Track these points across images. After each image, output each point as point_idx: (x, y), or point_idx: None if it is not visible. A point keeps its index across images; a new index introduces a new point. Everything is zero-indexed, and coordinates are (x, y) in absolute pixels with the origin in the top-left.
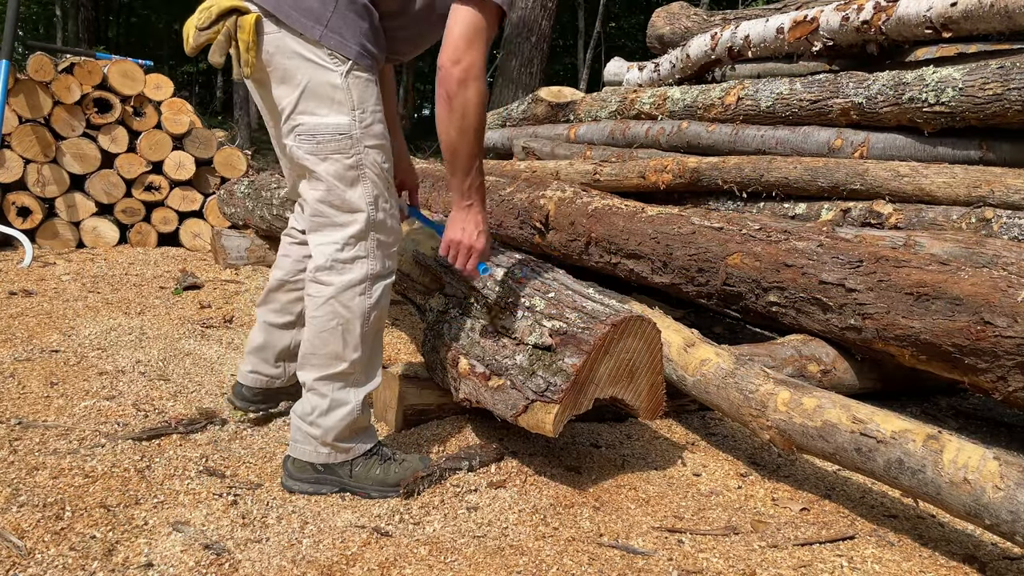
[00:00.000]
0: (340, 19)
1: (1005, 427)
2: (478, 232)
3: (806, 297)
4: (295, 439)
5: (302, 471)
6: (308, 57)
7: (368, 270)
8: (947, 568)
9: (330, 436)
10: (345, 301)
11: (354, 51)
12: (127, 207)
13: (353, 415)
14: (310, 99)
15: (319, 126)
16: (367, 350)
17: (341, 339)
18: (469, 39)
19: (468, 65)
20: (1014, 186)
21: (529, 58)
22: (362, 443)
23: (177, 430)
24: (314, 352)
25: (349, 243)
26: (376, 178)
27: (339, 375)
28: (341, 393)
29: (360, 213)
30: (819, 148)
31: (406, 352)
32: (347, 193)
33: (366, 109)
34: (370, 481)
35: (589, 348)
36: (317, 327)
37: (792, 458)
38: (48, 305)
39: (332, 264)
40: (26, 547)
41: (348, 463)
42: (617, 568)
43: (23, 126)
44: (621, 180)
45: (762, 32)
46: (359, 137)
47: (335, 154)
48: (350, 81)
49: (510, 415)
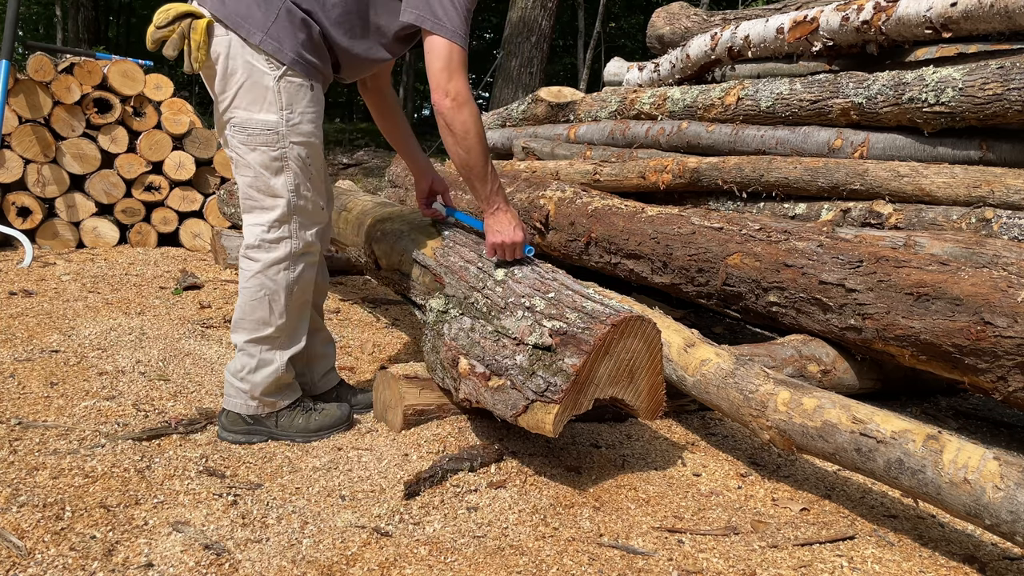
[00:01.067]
0: (279, 28)
1: (1005, 427)
2: (513, 228)
3: (806, 297)
4: (228, 394)
5: (235, 423)
6: (248, 59)
7: (291, 249)
8: (947, 568)
9: (258, 391)
10: (271, 275)
11: (289, 57)
12: (127, 207)
13: (278, 373)
14: (245, 96)
15: (250, 120)
16: (291, 318)
17: (268, 307)
18: (450, 70)
19: (456, 93)
20: (1014, 186)
21: (529, 58)
22: (285, 398)
23: (177, 430)
24: (244, 318)
25: (274, 225)
26: (298, 169)
27: (266, 338)
28: (267, 354)
29: (282, 199)
30: (819, 148)
31: (406, 352)
32: (271, 180)
33: (294, 110)
34: (294, 429)
35: (589, 348)
36: (247, 296)
37: (792, 458)
38: (48, 305)
39: (260, 243)
40: (26, 547)
41: (274, 415)
42: (617, 568)
43: (23, 126)
44: (621, 180)
45: (762, 32)
46: (285, 133)
47: (262, 146)
48: (282, 84)
49: (510, 415)
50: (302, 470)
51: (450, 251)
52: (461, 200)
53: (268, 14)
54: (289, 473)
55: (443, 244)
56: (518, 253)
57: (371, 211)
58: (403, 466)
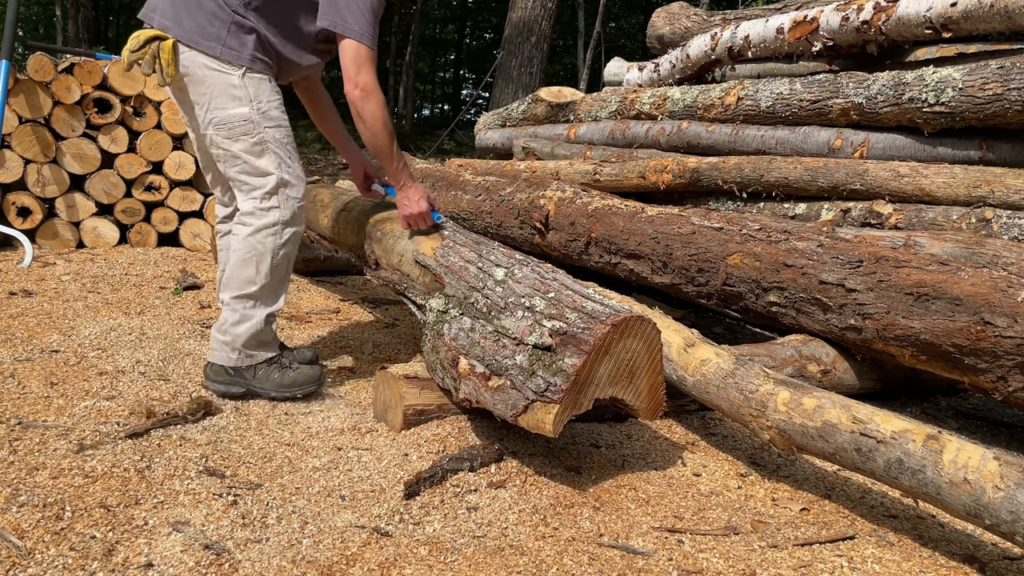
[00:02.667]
0: (233, 38)
1: (1005, 427)
2: (419, 199)
3: (806, 297)
4: (213, 348)
5: (218, 374)
6: (213, 67)
7: (279, 217)
8: (947, 568)
9: (239, 343)
10: (260, 239)
11: (247, 58)
12: (127, 207)
13: (258, 327)
14: (219, 97)
15: (228, 116)
16: (274, 279)
17: (255, 267)
18: (358, 65)
19: (363, 85)
20: (1014, 186)
21: (529, 58)
22: (264, 352)
23: (175, 421)
24: (233, 276)
25: (266, 197)
26: (277, 148)
27: (249, 295)
28: (250, 310)
29: (271, 176)
30: (819, 148)
31: (406, 352)
32: (257, 162)
33: (261, 100)
34: (270, 383)
35: (589, 348)
36: (238, 256)
37: (792, 458)
38: (48, 305)
39: (254, 210)
40: (26, 547)
41: (253, 367)
42: (617, 568)
43: (23, 126)
44: (621, 180)
45: (762, 32)
46: (258, 121)
47: (243, 136)
48: (246, 80)
49: (510, 415)
50: (302, 470)
51: (450, 251)
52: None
53: (221, 29)
54: (289, 473)
55: (443, 244)
56: (428, 220)
57: (371, 211)
58: (403, 466)
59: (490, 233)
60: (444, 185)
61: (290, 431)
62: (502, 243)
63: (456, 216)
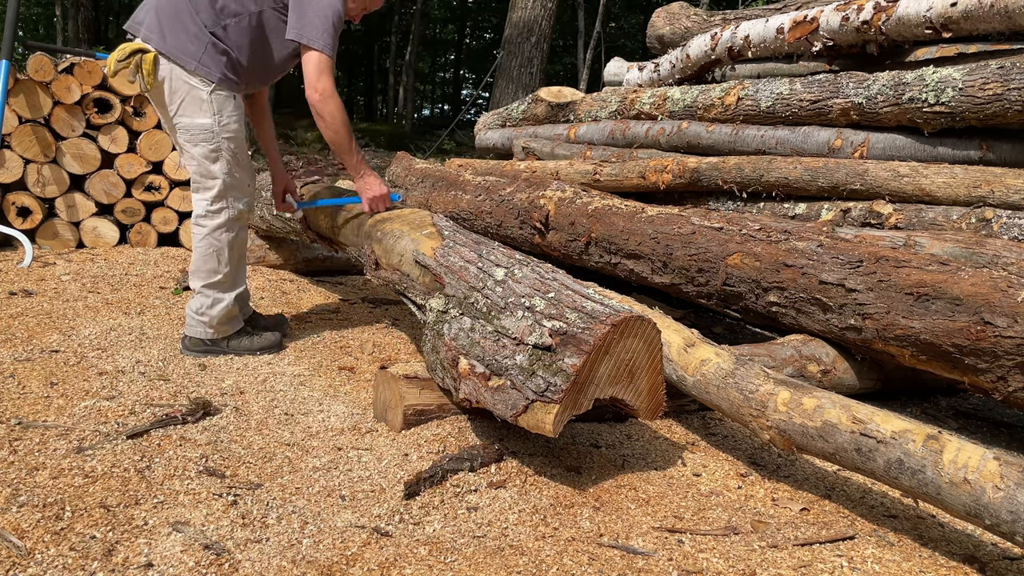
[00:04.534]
0: (208, 57)
1: (1005, 427)
2: (379, 184)
3: (806, 297)
4: (190, 324)
5: (196, 345)
6: (187, 80)
7: (229, 216)
8: (947, 568)
9: (214, 322)
10: (216, 236)
11: (217, 77)
12: (127, 207)
13: (227, 307)
14: (187, 107)
15: (192, 124)
16: (233, 267)
17: (216, 260)
18: (319, 72)
19: (323, 90)
20: (1014, 186)
21: (529, 58)
22: (234, 326)
23: (175, 421)
24: (199, 269)
25: (215, 199)
26: (229, 157)
27: (217, 283)
28: (219, 295)
29: (218, 180)
30: (819, 148)
31: (406, 352)
32: (211, 167)
33: (223, 114)
34: (242, 348)
35: (589, 348)
36: (200, 253)
37: (792, 458)
38: (48, 305)
39: (206, 213)
40: (26, 547)
41: (226, 338)
42: (617, 568)
43: (23, 126)
44: (621, 180)
45: (762, 32)
46: (218, 131)
47: (202, 142)
48: (213, 96)
49: (510, 415)
50: (302, 470)
51: (450, 251)
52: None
53: (198, 47)
54: (289, 473)
55: (443, 244)
56: (388, 202)
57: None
58: (403, 466)
59: (490, 233)
60: (444, 185)
61: (290, 431)
62: (502, 243)
63: (456, 216)
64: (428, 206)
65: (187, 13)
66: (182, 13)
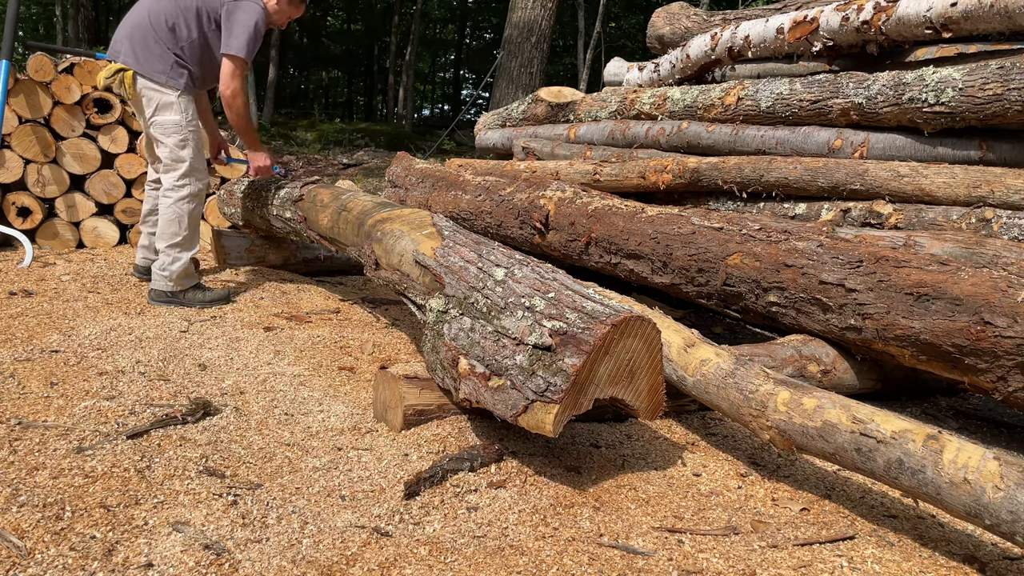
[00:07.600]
0: (174, 71)
1: (1005, 427)
2: (264, 157)
3: (806, 297)
4: (155, 279)
5: (159, 296)
6: (158, 90)
7: (191, 190)
8: (947, 568)
9: (174, 276)
10: (180, 206)
11: (182, 86)
12: (127, 207)
13: (185, 265)
14: (161, 110)
15: (167, 121)
16: (191, 231)
17: (178, 224)
18: (231, 74)
19: (233, 88)
20: (1014, 186)
21: (529, 58)
22: (190, 281)
23: (175, 421)
24: (164, 232)
25: (181, 178)
26: (194, 143)
27: (177, 244)
28: (179, 254)
29: (185, 163)
30: (819, 148)
31: (406, 352)
32: (179, 152)
33: (189, 112)
34: (196, 300)
35: (589, 348)
36: (166, 218)
37: (792, 458)
38: (48, 305)
39: (172, 187)
40: (26, 547)
41: (183, 291)
42: (617, 568)
43: (23, 126)
44: (621, 180)
45: (762, 32)
46: (184, 126)
47: (174, 134)
48: (180, 100)
49: (510, 415)
50: (302, 470)
51: (450, 251)
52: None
53: (165, 65)
54: (289, 473)
55: (443, 244)
56: (270, 172)
57: (371, 211)
58: (403, 466)
59: (490, 233)
60: (444, 185)
61: (290, 431)
62: (502, 243)
63: (456, 216)
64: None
65: (153, 39)
66: (149, 40)
